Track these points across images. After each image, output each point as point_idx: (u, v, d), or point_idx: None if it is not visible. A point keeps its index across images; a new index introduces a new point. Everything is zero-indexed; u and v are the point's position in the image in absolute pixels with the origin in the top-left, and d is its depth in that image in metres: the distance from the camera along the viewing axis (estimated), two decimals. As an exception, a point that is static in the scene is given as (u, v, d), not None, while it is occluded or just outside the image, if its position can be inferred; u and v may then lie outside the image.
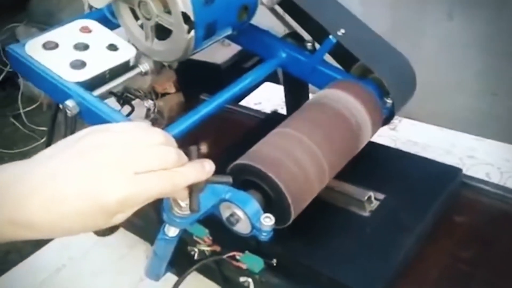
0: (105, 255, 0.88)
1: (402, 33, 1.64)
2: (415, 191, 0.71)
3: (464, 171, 0.91)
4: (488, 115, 1.64)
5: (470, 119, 1.59)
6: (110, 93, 0.78)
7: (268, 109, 1.19)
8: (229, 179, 0.50)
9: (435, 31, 1.66)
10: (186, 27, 0.67)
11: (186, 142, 0.93)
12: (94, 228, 0.40)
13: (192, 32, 0.67)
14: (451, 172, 0.75)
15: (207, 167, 0.46)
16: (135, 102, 2.89)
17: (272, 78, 0.98)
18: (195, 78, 1.93)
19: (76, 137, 0.41)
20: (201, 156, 0.47)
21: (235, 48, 2.04)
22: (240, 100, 1.22)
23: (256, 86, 1.27)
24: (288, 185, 0.59)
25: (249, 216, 0.57)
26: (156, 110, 2.81)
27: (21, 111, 2.54)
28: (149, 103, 2.93)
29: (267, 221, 0.57)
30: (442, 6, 1.58)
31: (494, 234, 0.69)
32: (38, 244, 0.92)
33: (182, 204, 0.52)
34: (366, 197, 0.68)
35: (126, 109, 0.85)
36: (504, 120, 1.56)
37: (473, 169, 0.90)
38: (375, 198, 0.70)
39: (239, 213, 0.58)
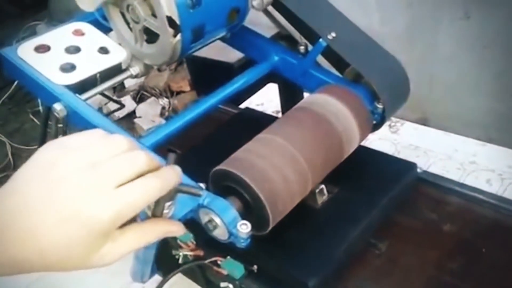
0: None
1: (418, 33, 1.60)
2: (368, 185, 0.73)
3: (465, 177, 0.89)
4: (506, 118, 1.59)
5: (487, 121, 1.54)
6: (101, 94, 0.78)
7: (270, 110, 1.19)
8: (199, 192, 0.50)
9: (452, 31, 1.61)
10: (171, 31, 0.66)
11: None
12: (79, 264, 0.39)
13: (179, 36, 0.67)
14: (406, 167, 0.76)
15: (178, 170, 0.45)
16: (150, 100, 2.88)
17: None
18: (208, 77, 1.93)
19: (41, 160, 0.38)
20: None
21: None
22: (239, 103, 1.21)
23: (253, 88, 1.26)
24: (269, 194, 0.58)
25: (225, 223, 0.57)
26: (171, 108, 2.81)
27: (41, 107, 2.56)
28: (164, 101, 2.92)
29: (244, 228, 0.56)
30: (458, 5, 1.54)
31: (448, 232, 0.70)
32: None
33: None
34: (317, 190, 0.70)
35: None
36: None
37: (473, 174, 0.88)
38: (328, 191, 0.71)
39: (216, 219, 0.57)
